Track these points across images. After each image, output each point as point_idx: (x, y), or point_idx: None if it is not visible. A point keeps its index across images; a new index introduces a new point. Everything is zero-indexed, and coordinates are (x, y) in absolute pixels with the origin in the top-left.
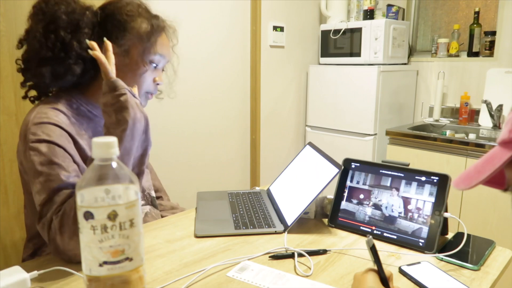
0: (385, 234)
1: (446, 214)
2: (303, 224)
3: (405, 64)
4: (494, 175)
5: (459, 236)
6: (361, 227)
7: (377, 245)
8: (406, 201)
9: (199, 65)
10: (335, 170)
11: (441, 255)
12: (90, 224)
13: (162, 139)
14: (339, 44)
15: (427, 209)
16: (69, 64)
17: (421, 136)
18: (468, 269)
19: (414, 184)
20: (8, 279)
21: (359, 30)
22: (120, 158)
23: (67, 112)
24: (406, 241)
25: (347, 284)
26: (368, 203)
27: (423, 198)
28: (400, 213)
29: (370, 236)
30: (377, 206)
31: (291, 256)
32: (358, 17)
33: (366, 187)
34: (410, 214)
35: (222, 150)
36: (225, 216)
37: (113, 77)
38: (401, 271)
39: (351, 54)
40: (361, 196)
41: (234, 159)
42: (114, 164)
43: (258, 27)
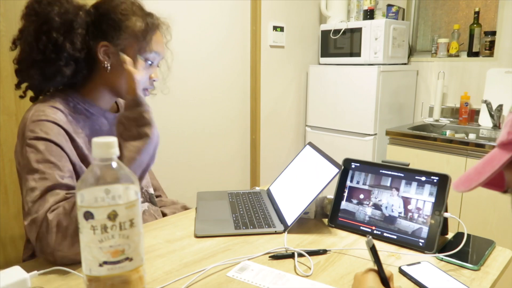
0: (385, 234)
1: (446, 214)
2: (303, 224)
3: (405, 64)
4: (494, 177)
5: (459, 236)
6: (361, 227)
7: (377, 245)
8: (406, 201)
9: (199, 65)
10: (335, 170)
11: (441, 255)
12: (90, 224)
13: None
14: (339, 44)
15: (427, 209)
16: (59, 66)
17: (421, 136)
18: (468, 269)
19: (414, 184)
20: (8, 279)
21: (359, 30)
22: (132, 169)
23: (64, 110)
24: (406, 241)
25: (347, 284)
26: (368, 203)
27: (423, 198)
28: (400, 213)
29: (370, 237)
30: (377, 206)
31: (291, 256)
32: (358, 17)
33: (366, 187)
34: (410, 214)
35: (222, 150)
36: (225, 216)
37: (140, 93)
38: (401, 271)
39: (351, 54)
40: (361, 196)
41: (234, 159)
42: (114, 164)
43: (258, 27)
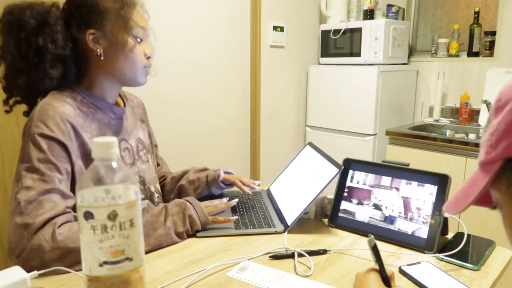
0: (385, 234)
1: (446, 214)
2: (303, 224)
3: (405, 64)
4: (482, 195)
5: (459, 236)
6: (361, 227)
7: (377, 244)
8: (406, 201)
9: (199, 65)
10: (335, 170)
11: (441, 255)
12: (90, 224)
13: (162, 139)
14: (339, 44)
15: (427, 209)
16: (44, 68)
17: (421, 136)
18: (468, 269)
19: (414, 184)
20: (8, 279)
21: (359, 30)
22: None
23: (73, 104)
24: (406, 241)
25: (347, 284)
26: (368, 203)
27: (423, 198)
28: (400, 213)
29: (372, 236)
30: (377, 206)
31: (291, 256)
32: (358, 17)
33: (366, 187)
34: (410, 214)
35: (222, 150)
36: (225, 216)
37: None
38: (401, 271)
39: (351, 54)
40: (361, 196)
41: (234, 159)
42: (114, 164)
43: (258, 27)
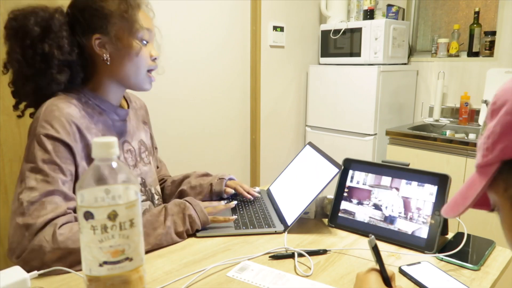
0: (385, 234)
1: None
2: (303, 224)
3: (405, 64)
4: (479, 198)
5: (459, 236)
6: (361, 227)
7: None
8: (406, 201)
9: (199, 65)
10: (335, 170)
11: (441, 255)
12: (90, 224)
13: (162, 139)
14: (339, 44)
15: (427, 209)
16: (51, 74)
17: (421, 136)
18: (468, 269)
19: (414, 184)
20: (8, 279)
21: (359, 30)
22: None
23: (78, 105)
24: (406, 241)
25: (347, 284)
26: (368, 203)
27: (423, 198)
28: (400, 213)
29: (372, 236)
30: (377, 206)
31: (291, 256)
32: (358, 17)
33: (366, 187)
34: (410, 214)
35: (222, 150)
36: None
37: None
38: (401, 271)
39: (351, 54)
40: (361, 196)
41: (234, 159)
42: (114, 164)
43: (258, 27)
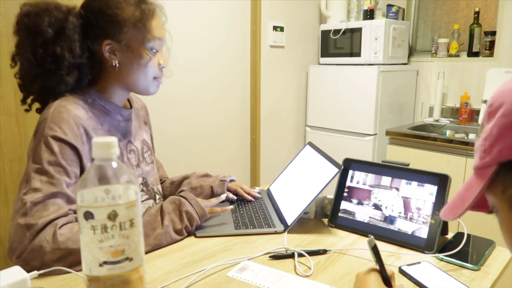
0: (385, 234)
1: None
2: (303, 224)
3: (405, 64)
4: (478, 200)
5: (459, 236)
6: (361, 227)
7: (377, 245)
8: (406, 201)
9: (199, 65)
10: (335, 170)
11: (441, 255)
12: (90, 224)
13: (162, 139)
14: (339, 44)
15: (427, 209)
16: (60, 75)
17: (421, 136)
18: (468, 269)
19: (414, 184)
20: (8, 279)
21: (359, 30)
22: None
23: (85, 106)
24: (406, 241)
25: (347, 284)
26: (368, 203)
27: (423, 198)
28: (400, 213)
29: (372, 236)
30: (377, 206)
31: (291, 256)
32: (358, 17)
33: (366, 187)
34: (410, 214)
35: (222, 150)
36: (225, 216)
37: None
38: (401, 271)
39: (351, 54)
40: (361, 196)
41: (234, 159)
42: (114, 164)
43: (258, 27)
